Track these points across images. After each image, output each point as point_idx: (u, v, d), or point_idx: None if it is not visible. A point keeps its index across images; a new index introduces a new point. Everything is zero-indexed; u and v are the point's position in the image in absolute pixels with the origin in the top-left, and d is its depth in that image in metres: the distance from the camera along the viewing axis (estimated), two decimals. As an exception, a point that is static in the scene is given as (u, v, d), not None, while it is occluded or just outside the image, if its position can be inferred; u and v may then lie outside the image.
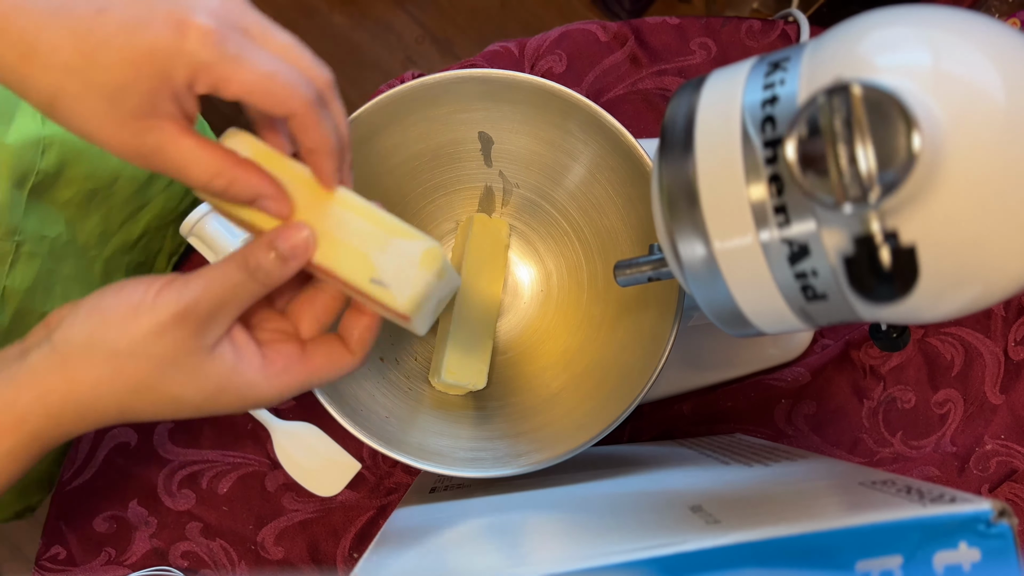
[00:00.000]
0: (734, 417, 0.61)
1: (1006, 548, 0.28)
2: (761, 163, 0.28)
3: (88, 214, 0.58)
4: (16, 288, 0.52)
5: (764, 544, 0.27)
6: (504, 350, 0.58)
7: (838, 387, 0.61)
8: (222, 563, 0.59)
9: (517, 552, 0.31)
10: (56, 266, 0.56)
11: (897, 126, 0.24)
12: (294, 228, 0.32)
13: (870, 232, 0.25)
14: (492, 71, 0.47)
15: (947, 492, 0.30)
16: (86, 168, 0.55)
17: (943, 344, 0.61)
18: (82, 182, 0.55)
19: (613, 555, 0.27)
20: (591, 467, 0.49)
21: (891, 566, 0.27)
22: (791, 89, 0.28)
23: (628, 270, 0.41)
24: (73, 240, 0.57)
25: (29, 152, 0.50)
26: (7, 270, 0.50)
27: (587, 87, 0.65)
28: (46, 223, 0.54)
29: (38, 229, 0.53)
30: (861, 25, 0.28)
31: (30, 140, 0.50)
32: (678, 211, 0.31)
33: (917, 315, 0.28)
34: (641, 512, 0.34)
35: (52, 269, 0.55)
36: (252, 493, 0.60)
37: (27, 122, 0.50)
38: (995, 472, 0.58)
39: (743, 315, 0.32)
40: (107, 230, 0.61)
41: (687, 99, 0.32)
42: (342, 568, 0.59)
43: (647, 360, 0.47)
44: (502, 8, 1.37)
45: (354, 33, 1.36)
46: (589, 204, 0.54)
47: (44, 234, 0.54)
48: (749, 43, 0.66)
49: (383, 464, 0.61)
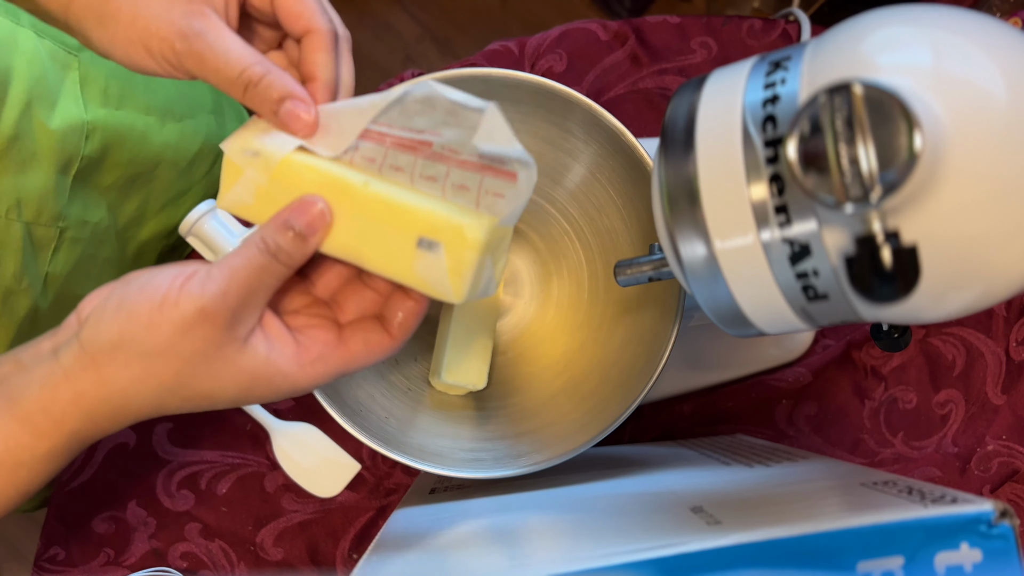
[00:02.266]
0: (735, 418, 0.61)
1: (1008, 549, 0.27)
2: (762, 162, 0.28)
3: (128, 197, 0.58)
4: (58, 273, 0.52)
5: (765, 545, 0.27)
6: (504, 350, 0.57)
7: (839, 387, 0.60)
8: (221, 564, 0.59)
9: (517, 553, 0.31)
10: (96, 251, 0.56)
11: (898, 125, 0.24)
12: (307, 203, 0.32)
13: (871, 232, 0.25)
14: (492, 70, 0.47)
15: (948, 493, 0.30)
16: (129, 153, 0.55)
17: (945, 344, 0.60)
18: (125, 167, 0.55)
19: (614, 556, 0.27)
20: (592, 468, 0.49)
21: (892, 567, 0.27)
22: (792, 88, 0.28)
23: (628, 270, 0.40)
24: (113, 224, 0.57)
25: (73, 137, 0.50)
26: (50, 256, 0.50)
27: (587, 86, 0.65)
28: (89, 208, 0.54)
29: (81, 215, 0.53)
30: (862, 24, 0.28)
31: (74, 125, 0.49)
32: (679, 210, 0.30)
33: (918, 315, 0.28)
34: (642, 513, 0.34)
35: (92, 254, 0.55)
36: (251, 494, 0.60)
37: (70, 107, 0.49)
38: (997, 473, 0.58)
39: (744, 315, 0.31)
40: (145, 214, 0.61)
41: (688, 98, 0.31)
42: (341, 569, 0.59)
43: (648, 360, 0.47)
44: (502, 7, 1.37)
45: (354, 32, 1.36)
46: (589, 204, 0.54)
47: (87, 219, 0.53)
48: (750, 42, 0.66)
49: (383, 465, 0.61)
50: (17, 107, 0.45)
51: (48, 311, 0.52)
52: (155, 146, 0.58)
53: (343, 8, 1.16)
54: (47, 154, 0.47)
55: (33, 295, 0.49)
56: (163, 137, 0.59)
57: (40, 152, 0.47)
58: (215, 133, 0.65)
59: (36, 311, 0.50)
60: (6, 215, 0.45)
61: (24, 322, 0.49)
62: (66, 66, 0.50)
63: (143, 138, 0.56)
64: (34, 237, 0.48)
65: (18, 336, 0.49)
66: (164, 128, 0.59)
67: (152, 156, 0.57)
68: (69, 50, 0.51)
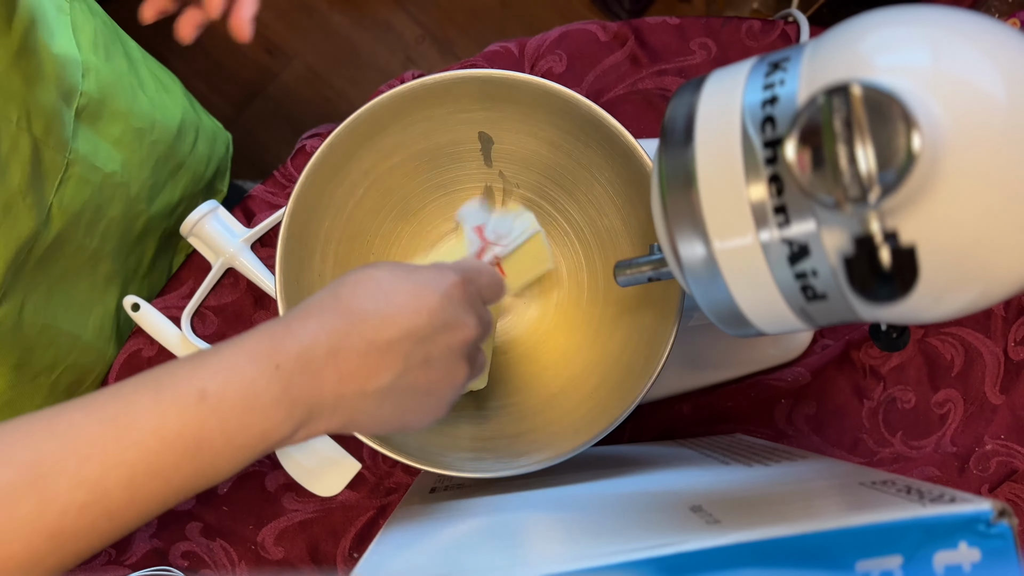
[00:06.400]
0: (734, 417, 0.61)
1: (1006, 548, 0.28)
2: (761, 163, 0.28)
3: (142, 160, 0.61)
4: (64, 208, 0.53)
5: (764, 544, 0.27)
6: (504, 350, 0.57)
7: (838, 387, 0.61)
8: (222, 563, 0.59)
9: (517, 552, 0.31)
10: (105, 204, 0.58)
11: (897, 126, 0.24)
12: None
13: (870, 232, 0.25)
14: (492, 71, 0.47)
15: (947, 492, 0.30)
16: (125, 103, 0.58)
17: (943, 344, 0.61)
18: (126, 117, 0.58)
19: (613, 555, 0.27)
20: (591, 467, 0.49)
21: (891, 566, 0.27)
22: (791, 89, 0.28)
23: (628, 270, 0.41)
24: (126, 184, 0.59)
25: (72, 69, 0.52)
26: (56, 185, 0.52)
27: (587, 87, 0.65)
28: (99, 154, 0.56)
29: (90, 156, 0.55)
30: (861, 25, 0.28)
31: (71, 58, 0.53)
32: (678, 211, 0.31)
33: (917, 315, 0.28)
34: (641, 512, 0.34)
35: (100, 205, 0.57)
36: (252, 493, 0.60)
37: (66, 44, 0.53)
38: (995, 472, 0.58)
39: (743, 315, 0.32)
40: (156, 183, 0.63)
41: (687, 99, 0.32)
42: (342, 568, 0.59)
43: (647, 360, 0.47)
44: (502, 8, 1.37)
45: (354, 33, 1.36)
46: (589, 204, 0.54)
47: (97, 165, 0.56)
48: (749, 43, 0.66)
49: (383, 464, 0.61)
50: (23, 22, 0.47)
51: (49, 248, 0.53)
52: (145, 105, 0.61)
53: (343, 9, 1.16)
54: (51, 76, 0.50)
55: (36, 219, 0.50)
56: (148, 98, 0.62)
57: (45, 73, 0.50)
58: (190, 112, 0.68)
59: (36, 239, 0.51)
60: (16, 123, 0.47)
61: (23, 248, 0.50)
62: (60, 9, 0.54)
63: (133, 94, 0.60)
64: (42, 157, 0.50)
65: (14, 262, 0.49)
66: (146, 92, 0.62)
67: (146, 111, 0.61)
68: None
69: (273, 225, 0.64)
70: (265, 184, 0.65)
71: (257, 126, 1.37)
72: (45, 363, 0.57)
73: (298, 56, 1.38)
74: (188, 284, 0.64)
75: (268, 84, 1.38)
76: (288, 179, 0.65)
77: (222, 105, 1.37)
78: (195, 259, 0.64)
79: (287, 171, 0.65)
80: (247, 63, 1.37)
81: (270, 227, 0.64)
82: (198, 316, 0.63)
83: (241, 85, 1.37)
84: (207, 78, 1.36)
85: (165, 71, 0.69)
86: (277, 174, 0.65)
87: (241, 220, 0.64)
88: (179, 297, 0.63)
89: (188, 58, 1.33)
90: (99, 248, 0.59)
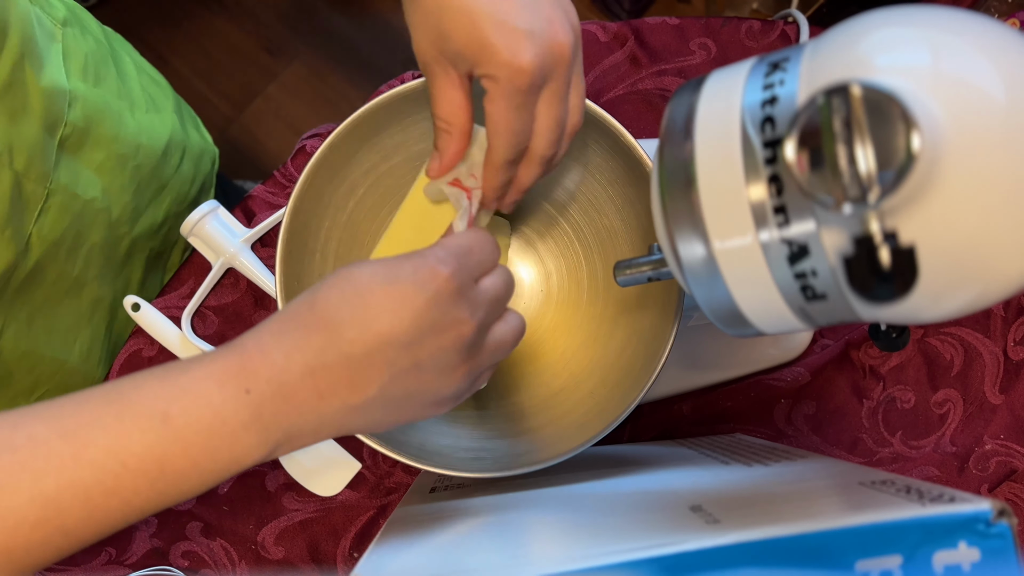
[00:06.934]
0: (734, 417, 0.61)
1: (1005, 548, 0.28)
2: (761, 163, 0.28)
3: (123, 185, 0.60)
4: (43, 237, 0.53)
5: (764, 544, 0.27)
6: (504, 350, 0.58)
7: (838, 387, 0.61)
8: (222, 563, 0.59)
9: (517, 552, 0.31)
10: (85, 230, 0.57)
11: (896, 126, 0.24)
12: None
13: (869, 232, 0.25)
14: (492, 71, 0.47)
15: (947, 492, 0.30)
16: (110, 130, 0.57)
17: (943, 344, 0.61)
18: (109, 144, 0.57)
19: (613, 555, 0.27)
20: (591, 467, 0.49)
21: (891, 566, 0.27)
22: (791, 89, 0.28)
23: (628, 270, 0.41)
24: (107, 209, 0.59)
25: (58, 100, 0.51)
26: (36, 216, 0.52)
27: (587, 87, 0.65)
28: (80, 182, 0.55)
29: (71, 185, 0.54)
30: (860, 25, 0.28)
31: (59, 89, 0.51)
32: (678, 211, 0.31)
33: (917, 315, 0.28)
34: (641, 512, 0.34)
35: (80, 232, 0.56)
36: (252, 493, 0.60)
37: (55, 73, 0.52)
38: (995, 472, 0.58)
39: (743, 315, 0.32)
40: (138, 207, 0.62)
41: (687, 99, 0.32)
42: (342, 568, 0.59)
43: (647, 360, 0.47)
44: (502, 8, 1.37)
45: (354, 33, 1.37)
46: (589, 204, 0.54)
47: (77, 193, 0.55)
48: (749, 43, 0.66)
49: (383, 464, 0.61)
50: (12, 57, 0.47)
51: (28, 276, 0.53)
52: (132, 128, 0.60)
53: (343, 9, 1.16)
54: (36, 109, 0.49)
55: (15, 250, 0.50)
56: (136, 121, 0.61)
57: (30, 106, 0.49)
58: (178, 131, 0.67)
59: (15, 270, 0.51)
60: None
61: (1, 279, 0.50)
62: (51, 36, 0.53)
63: (120, 118, 0.59)
64: (23, 190, 0.49)
65: None
66: (135, 114, 0.61)
67: (132, 136, 0.60)
68: (54, 21, 0.54)
69: (273, 225, 0.64)
70: (265, 184, 0.65)
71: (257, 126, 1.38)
72: (25, 385, 0.57)
73: (298, 56, 1.38)
74: (188, 284, 0.64)
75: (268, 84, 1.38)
76: (288, 179, 0.65)
77: (222, 105, 1.37)
78: (195, 259, 0.64)
79: (287, 171, 0.65)
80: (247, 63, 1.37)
81: (270, 227, 0.64)
82: (198, 316, 0.63)
83: (241, 85, 1.37)
84: (207, 78, 1.36)
85: (159, 85, 0.68)
86: (277, 174, 0.65)
87: (241, 220, 0.64)
88: (179, 297, 0.63)
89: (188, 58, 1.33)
90: (82, 273, 0.58)
